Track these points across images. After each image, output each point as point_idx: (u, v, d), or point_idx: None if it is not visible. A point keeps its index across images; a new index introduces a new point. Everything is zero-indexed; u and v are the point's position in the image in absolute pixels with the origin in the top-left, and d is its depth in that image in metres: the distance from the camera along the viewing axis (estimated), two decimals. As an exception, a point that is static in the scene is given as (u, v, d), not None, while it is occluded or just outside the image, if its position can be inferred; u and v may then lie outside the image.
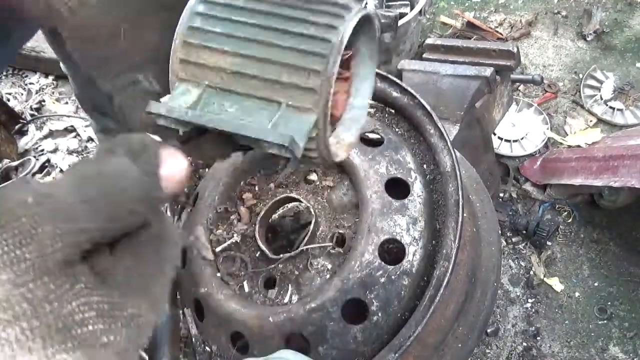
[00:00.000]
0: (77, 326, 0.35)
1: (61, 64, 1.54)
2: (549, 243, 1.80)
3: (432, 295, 0.78)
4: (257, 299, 0.91)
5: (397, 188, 0.90)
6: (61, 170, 2.20)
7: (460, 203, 0.84)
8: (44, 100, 2.43)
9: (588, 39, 2.30)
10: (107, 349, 0.36)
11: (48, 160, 2.23)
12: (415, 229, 0.86)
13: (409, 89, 0.96)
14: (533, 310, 1.69)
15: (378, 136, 0.96)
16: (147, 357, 1.50)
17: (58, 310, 0.34)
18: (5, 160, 2.15)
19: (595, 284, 1.72)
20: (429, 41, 1.79)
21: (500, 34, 2.34)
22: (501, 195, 1.92)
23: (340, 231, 0.92)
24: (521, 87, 2.19)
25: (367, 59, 0.54)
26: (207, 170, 1.13)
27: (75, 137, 2.31)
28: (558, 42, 2.33)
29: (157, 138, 0.45)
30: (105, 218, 0.36)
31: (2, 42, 0.93)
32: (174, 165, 0.41)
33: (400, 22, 1.85)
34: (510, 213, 1.88)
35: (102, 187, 0.36)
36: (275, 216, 1.07)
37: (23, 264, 0.33)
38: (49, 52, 2.28)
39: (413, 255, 0.84)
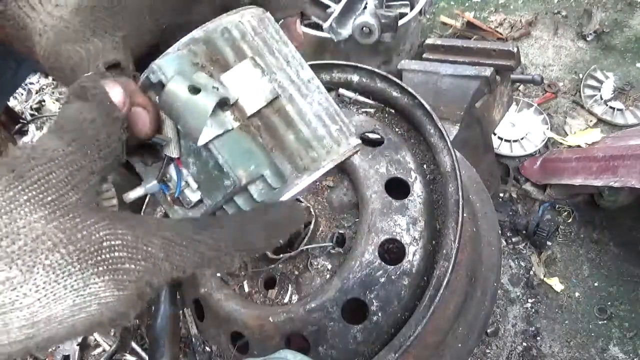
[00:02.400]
0: (106, 251, 0.40)
1: None
2: (549, 243, 1.80)
3: (432, 295, 0.78)
4: (257, 299, 0.91)
5: (397, 188, 0.90)
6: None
7: (460, 203, 0.84)
8: (44, 100, 2.43)
9: (588, 39, 2.30)
10: (129, 277, 0.41)
11: (48, 160, 2.23)
12: (415, 229, 0.86)
13: (409, 89, 0.96)
14: (533, 310, 1.69)
15: (378, 136, 0.96)
16: (147, 357, 1.51)
17: (88, 237, 0.40)
18: (5, 160, 2.15)
19: (595, 284, 1.72)
20: (429, 41, 1.79)
21: (500, 34, 2.34)
22: (501, 195, 1.92)
23: (340, 231, 0.92)
24: (521, 87, 2.19)
25: None
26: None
27: (75, 137, 2.31)
28: (558, 42, 2.33)
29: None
30: (81, 143, 0.42)
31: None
32: (112, 86, 0.46)
33: (400, 22, 1.85)
34: (510, 213, 1.88)
35: (69, 124, 0.42)
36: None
37: (49, 205, 0.39)
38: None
39: (413, 255, 0.84)
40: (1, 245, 0.37)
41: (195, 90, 0.46)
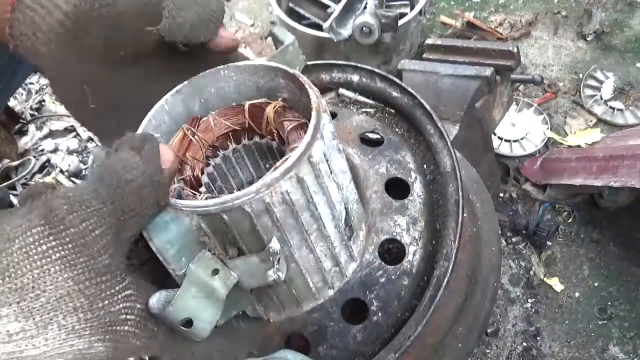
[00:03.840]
0: (119, 324, 0.42)
1: None
2: (549, 243, 1.80)
3: (432, 295, 0.78)
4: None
5: (397, 188, 0.90)
6: (61, 171, 2.20)
7: (460, 203, 0.84)
8: (44, 100, 2.43)
9: (588, 39, 2.30)
10: (129, 347, 0.43)
11: (48, 160, 2.23)
12: (415, 229, 0.86)
13: (409, 89, 0.96)
14: (533, 310, 1.69)
15: (378, 136, 0.96)
16: (147, 357, 1.50)
17: (108, 307, 0.41)
18: (5, 160, 2.15)
19: (595, 284, 1.72)
20: (429, 41, 1.79)
21: (500, 34, 2.34)
22: (501, 195, 1.92)
23: (340, 231, 0.92)
24: (521, 87, 2.19)
25: None
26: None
27: (75, 137, 2.31)
28: (558, 42, 2.33)
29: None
30: (117, 206, 0.42)
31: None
32: (168, 156, 0.47)
33: (400, 22, 1.85)
34: (510, 213, 1.88)
35: (109, 181, 0.42)
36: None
37: (80, 266, 0.39)
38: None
39: (413, 255, 0.84)
40: (25, 298, 0.37)
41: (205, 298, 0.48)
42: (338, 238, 0.55)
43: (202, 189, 0.57)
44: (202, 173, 0.59)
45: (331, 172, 0.52)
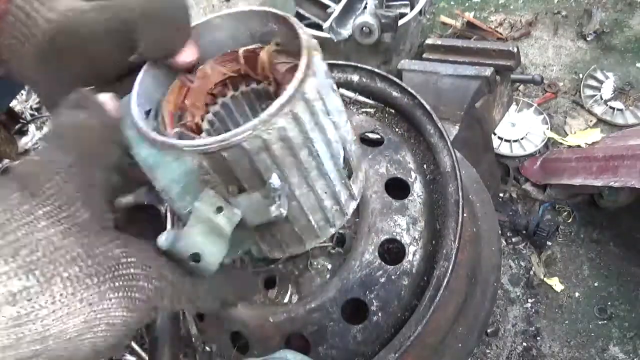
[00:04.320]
0: (124, 267, 0.41)
1: None
2: (549, 243, 1.80)
3: (432, 295, 0.78)
4: (257, 299, 0.91)
5: (397, 188, 0.90)
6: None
7: (460, 203, 0.84)
8: (44, 100, 2.42)
9: (588, 39, 2.30)
10: (141, 295, 0.42)
11: (48, 160, 2.23)
12: (415, 229, 0.86)
13: (409, 89, 0.96)
14: (533, 310, 1.69)
15: (378, 136, 0.96)
16: (147, 357, 1.50)
17: (106, 253, 0.40)
18: (5, 160, 2.15)
19: (595, 284, 1.72)
20: (429, 41, 1.79)
21: (500, 34, 2.34)
22: (501, 195, 1.92)
23: (341, 231, 0.92)
24: (521, 87, 2.19)
25: None
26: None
27: (75, 137, 2.31)
28: (558, 42, 2.33)
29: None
30: (80, 153, 0.43)
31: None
32: (109, 105, 0.48)
33: (400, 22, 1.85)
34: (510, 213, 1.88)
35: (65, 132, 0.43)
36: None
37: (64, 221, 0.39)
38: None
39: (413, 255, 0.84)
40: (20, 254, 0.36)
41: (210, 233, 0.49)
42: (337, 177, 0.56)
43: (203, 134, 0.58)
44: (202, 120, 0.59)
45: (326, 111, 0.53)
